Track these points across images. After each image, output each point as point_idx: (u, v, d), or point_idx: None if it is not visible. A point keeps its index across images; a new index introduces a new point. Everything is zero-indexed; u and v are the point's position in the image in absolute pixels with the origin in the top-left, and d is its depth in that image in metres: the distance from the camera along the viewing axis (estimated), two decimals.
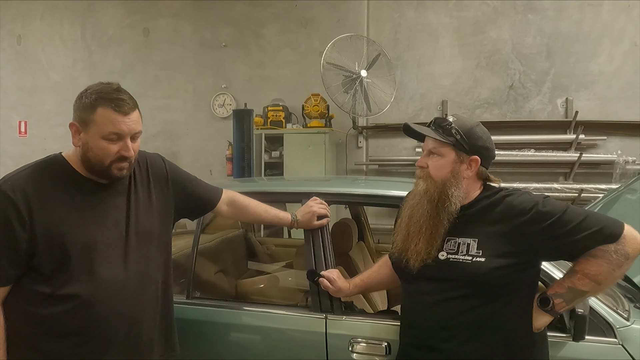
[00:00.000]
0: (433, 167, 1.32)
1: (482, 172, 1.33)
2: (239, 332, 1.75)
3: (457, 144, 1.29)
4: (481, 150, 1.31)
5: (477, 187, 1.35)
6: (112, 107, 1.22)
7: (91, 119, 1.23)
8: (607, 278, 1.23)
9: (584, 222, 1.21)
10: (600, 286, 1.25)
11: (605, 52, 4.20)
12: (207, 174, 5.23)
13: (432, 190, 1.31)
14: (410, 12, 4.66)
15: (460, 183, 1.29)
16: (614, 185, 3.81)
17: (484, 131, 1.34)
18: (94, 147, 1.24)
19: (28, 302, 1.23)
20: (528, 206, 1.25)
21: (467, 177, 1.31)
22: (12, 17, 5.83)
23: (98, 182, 1.31)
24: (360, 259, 2.55)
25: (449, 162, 1.30)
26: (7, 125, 5.88)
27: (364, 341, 1.57)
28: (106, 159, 1.25)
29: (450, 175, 1.29)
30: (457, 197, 1.29)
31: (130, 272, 1.31)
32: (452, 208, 1.29)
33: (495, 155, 1.37)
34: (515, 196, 1.29)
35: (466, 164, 1.30)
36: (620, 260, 1.20)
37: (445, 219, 1.29)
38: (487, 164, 1.34)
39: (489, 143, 1.33)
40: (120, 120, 1.23)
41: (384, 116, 4.44)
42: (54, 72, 5.74)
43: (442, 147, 1.31)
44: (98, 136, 1.23)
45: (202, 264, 2.10)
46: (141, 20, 5.44)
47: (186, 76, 5.34)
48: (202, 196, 1.60)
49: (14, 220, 1.19)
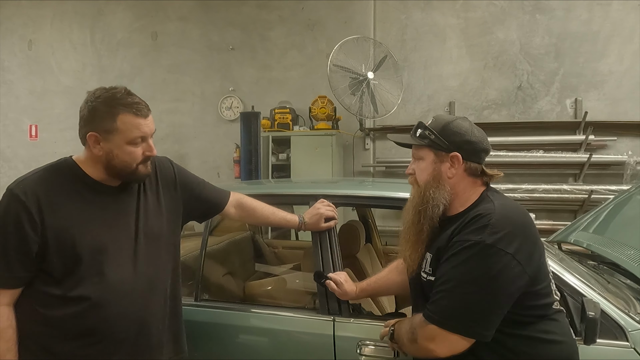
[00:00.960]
0: (418, 172, 1.30)
1: (472, 168, 1.24)
2: (247, 334, 1.76)
3: (433, 144, 1.25)
4: (461, 144, 1.23)
5: (469, 187, 1.26)
6: (133, 112, 1.25)
7: (114, 127, 1.24)
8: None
9: (447, 291, 1.14)
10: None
11: (615, 52, 4.16)
12: (215, 177, 5.26)
13: (415, 196, 1.29)
14: (417, 13, 4.66)
15: (441, 184, 1.23)
16: (624, 187, 3.77)
17: (462, 125, 1.25)
18: (119, 154, 1.26)
19: (39, 304, 1.24)
20: (468, 237, 1.14)
21: (452, 175, 1.24)
22: (23, 23, 5.92)
23: (108, 185, 1.33)
24: (367, 261, 2.55)
25: (430, 163, 1.26)
26: (19, 129, 5.96)
27: (372, 344, 1.56)
28: (134, 162, 1.28)
29: (430, 178, 1.25)
30: (439, 199, 1.22)
31: (139, 274, 1.32)
32: (431, 212, 1.23)
33: (488, 147, 1.27)
34: (481, 221, 1.15)
35: (448, 162, 1.24)
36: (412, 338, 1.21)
37: (425, 224, 1.24)
38: (476, 157, 1.25)
39: (469, 136, 1.23)
40: (143, 124, 1.27)
41: (391, 118, 4.43)
42: (64, 76, 5.81)
43: (420, 150, 1.29)
44: (124, 142, 1.26)
45: (210, 266, 2.11)
46: (149, 24, 5.49)
47: (194, 79, 5.38)
48: (210, 199, 1.61)
49: (26, 223, 1.21)
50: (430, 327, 1.16)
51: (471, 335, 1.13)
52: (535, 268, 1.15)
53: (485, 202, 1.22)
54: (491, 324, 1.12)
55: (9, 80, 6.00)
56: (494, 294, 1.11)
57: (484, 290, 1.11)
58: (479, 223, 1.15)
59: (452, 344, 1.14)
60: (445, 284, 1.15)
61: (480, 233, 1.12)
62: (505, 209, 1.18)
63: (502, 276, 1.10)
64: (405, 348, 1.29)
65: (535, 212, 4.12)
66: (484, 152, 1.26)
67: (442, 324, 1.14)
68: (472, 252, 1.12)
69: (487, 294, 1.11)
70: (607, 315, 1.41)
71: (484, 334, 1.13)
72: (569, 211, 4.24)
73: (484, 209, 1.19)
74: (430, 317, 1.16)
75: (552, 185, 4.10)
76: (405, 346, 1.28)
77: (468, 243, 1.13)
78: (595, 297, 1.45)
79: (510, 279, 1.10)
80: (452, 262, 1.15)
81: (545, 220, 4.15)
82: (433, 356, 1.17)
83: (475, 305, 1.12)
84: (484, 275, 1.10)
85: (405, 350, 1.31)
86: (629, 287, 1.85)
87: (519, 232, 1.14)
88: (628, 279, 1.95)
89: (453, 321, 1.13)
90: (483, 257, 1.11)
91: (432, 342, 1.16)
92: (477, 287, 1.11)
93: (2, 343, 1.21)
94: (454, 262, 1.15)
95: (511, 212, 1.19)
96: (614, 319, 1.42)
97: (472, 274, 1.12)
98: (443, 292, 1.15)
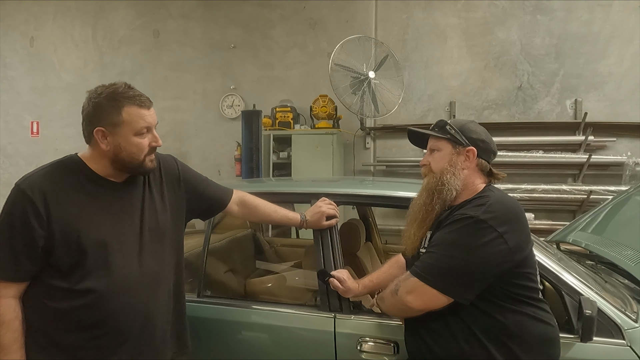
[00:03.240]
0: (433, 161, 1.43)
1: (482, 164, 1.40)
2: (249, 330, 1.78)
3: (453, 138, 1.40)
4: (476, 142, 1.39)
5: (478, 181, 1.40)
6: (137, 104, 1.29)
7: (120, 120, 1.27)
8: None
9: (435, 252, 1.30)
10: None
11: (615, 53, 4.17)
12: (216, 175, 5.27)
13: (431, 182, 1.40)
14: (418, 13, 4.67)
15: (457, 172, 1.37)
16: (623, 187, 3.79)
17: (479, 126, 1.44)
18: (127, 146, 1.29)
19: (46, 297, 1.26)
20: (465, 211, 1.29)
21: (466, 167, 1.39)
22: (25, 19, 5.93)
23: (113, 181, 1.35)
24: (367, 259, 2.57)
25: (447, 153, 1.40)
26: (20, 126, 5.98)
27: (372, 340, 1.59)
28: (141, 153, 1.31)
29: (447, 165, 1.38)
30: (453, 185, 1.36)
31: (144, 269, 1.34)
32: (446, 195, 1.36)
33: (496, 150, 1.44)
34: (477, 202, 1.32)
35: (464, 155, 1.39)
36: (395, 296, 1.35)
37: (437, 204, 1.37)
38: (487, 156, 1.41)
39: (484, 136, 1.41)
40: (147, 114, 1.31)
41: (391, 117, 4.45)
42: (65, 73, 5.82)
43: (439, 141, 1.43)
44: (131, 134, 1.28)
45: (212, 263, 2.12)
46: (151, 21, 5.50)
47: (195, 77, 5.39)
48: (213, 196, 1.63)
49: (32, 218, 1.23)
50: (413, 279, 1.30)
51: (448, 293, 1.26)
52: (522, 253, 1.27)
53: (485, 192, 1.37)
54: (468, 287, 1.25)
55: (11, 76, 6.01)
56: (476, 262, 1.24)
57: (467, 256, 1.24)
58: (477, 203, 1.31)
59: (429, 298, 1.28)
60: (434, 247, 1.31)
61: (477, 210, 1.27)
62: (502, 197, 1.34)
63: (486, 248, 1.23)
64: (386, 303, 1.42)
65: (534, 212, 4.15)
66: (493, 154, 1.44)
67: (424, 279, 1.28)
68: (465, 224, 1.27)
69: (469, 260, 1.24)
70: (604, 314, 1.44)
71: (461, 295, 1.26)
72: (568, 211, 4.26)
73: (484, 195, 1.35)
74: (414, 271, 1.31)
75: (551, 186, 4.12)
76: (386, 301, 1.41)
77: (463, 216, 1.28)
78: (593, 296, 1.47)
79: (493, 253, 1.23)
80: (445, 230, 1.31)
81: (544, 220, 4.17)
82: (408, 308, 1.32)
83: (457, 268, 1.25)
84: (470, 243, 1.24)
85: (385, 309, 1.45)
86: (626, 287, 1.88)
87: (511, 217, 1.27)
88: (626, 278, 1.97)
89: (434, 278, 1.27)
90: (474, 229, 1.25)
91: (410, 294, 1.30)
92: (461, 252, 1.25)
93: (9, 334, 1.23)
94: (447, 230, 1.30)
95: (507, 200, 1.33)
96: (610, 317, 1.44)
97: (460, 241, 1.26)
98: (431, 253, 1.31)
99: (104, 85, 1.31)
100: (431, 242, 1.34)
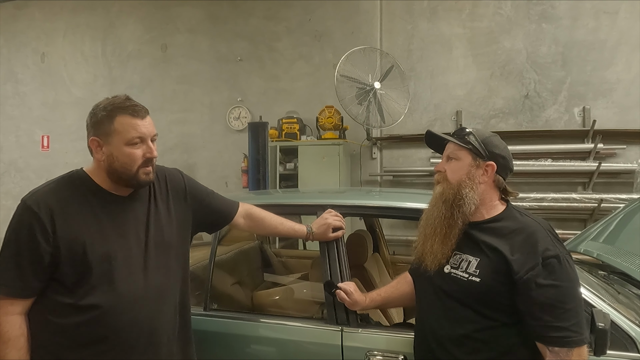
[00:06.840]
0: (450, 170, 1.36)
1: (499, 180, 1.35)
2: (256, 344, 1.76)
3: (475, 149, 1.33)
4: (497, 157, 1.34)
5: (495, 197, 1.36)
6: (129, 114, 1.29)
7: (112, 129, 1.28)
8: None
9: (567, 311, 1.19)
10: None
11: (623, 60, 4.15)
12: (223, 186, 5.30)
13: (447, 192, 1.34)
14: (423, 23, 4.69)
15: (475, 186, 1.31)
16: (635, 195, 3.73)
17: (501, 142, 1.38)
18: (119, 156, 1.29)
19: (51, 313, 1.26)
20: (548, 253, 1.22)
21: (483, 182, 1.33)
22: (37, 36, 6.06)
23: (118, 195, 1.35)
24: (375, 270, 2.54)
25: (466, 165, 1.34)
26: (31, 140, 6.07)
27: (380, 354, 1.56)
28: (133, 165, 1.30)
29: (465, 177, 1.32)
30: (472, 199, 1.30)
31: (149, 283, 1.33)
32: (466, 209, 1.30)
33: (513, 168, 1.39)
34: (540, 235, 1.27)
35: (482, 169, 1.33)
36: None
37: (459, 219, 1.31)
38: (504, 173, 1.36)
39: (505, 153, 1.36)
40: (140, 124, 1.30)
41: (398, 127, 4.45)
42: (75, 87, 5.92)
43: (460, 150, 1.36)
44: (122, 144, 1.28)
45: (219, 276, 2.12)
46: (159, 36, 5.59)
47: (202, 90, 5.45)
48: (219, 209, 1.63)
49: (39, 234, 1.23)
50: (575, 350, 1.18)
51: (587, 340, 1.22)
52: None
53: (516, 214, 1.35)
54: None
55: (23, 92, 6.13)
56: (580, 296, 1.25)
57: (578, 293, 1.24)
58: (535, 235, 1.26)
59: (584, 352, 1.21)
60: (555, 305, 1.19)
61: (548, 243, 1.24)
62: (533, 217, 1.35)
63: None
64: None
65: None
66: (510, 171, 1.38)
67: (581, 342, 1.19)
68: (559, 264, 1.21)
69: (579, 295, 1.25)
70: (618, 326, 1.40)
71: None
72: (578, 220, 4.21)
73: (527, 224, 1.31)
74: (573, 340, 1.18)
75: (561, 194, 4.07)
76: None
77: (549, 258, 1.21)
78: (605, 308, 1.44)
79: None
80: (545, 281, 1.20)
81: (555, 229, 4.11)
82: None
83: (580, 311, 1.23)
84: (575, 280, 1.24)
85: None
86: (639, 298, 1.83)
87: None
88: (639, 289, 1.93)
89: (585, 331, 1.21)
90: (566, 265, 1.23)
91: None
92: (578, 292, 1.23)
93: (15, 351, 1.22)
94: (548, 280, 1.20)
95: (539, 221, 1.34)
96: (624, 330, 1.41)
97: (571, 283, 1.22)
98: (562, 312, 1.19)
99: (107, 98, 1.33)
100: (541, 302, 1.19)
